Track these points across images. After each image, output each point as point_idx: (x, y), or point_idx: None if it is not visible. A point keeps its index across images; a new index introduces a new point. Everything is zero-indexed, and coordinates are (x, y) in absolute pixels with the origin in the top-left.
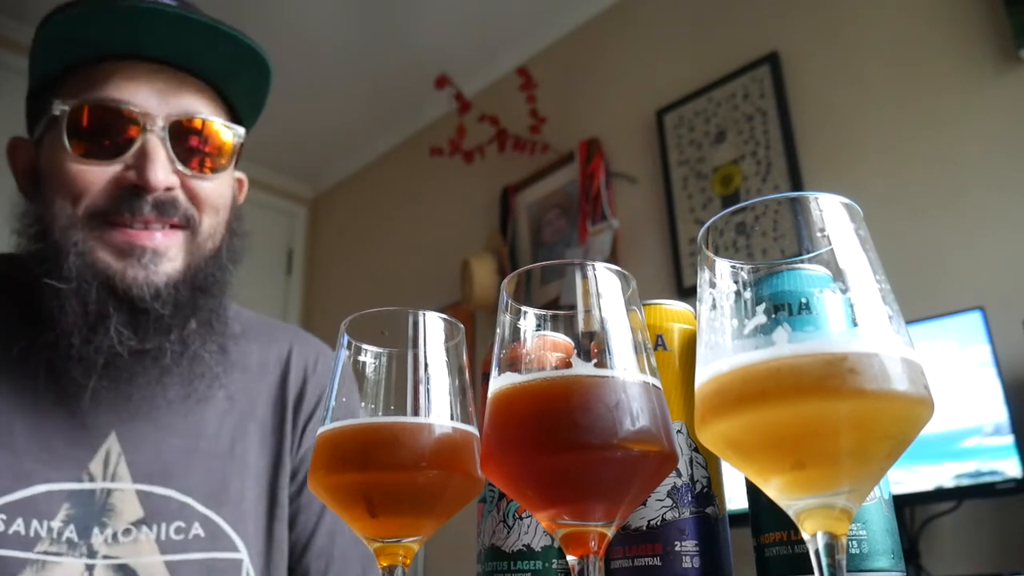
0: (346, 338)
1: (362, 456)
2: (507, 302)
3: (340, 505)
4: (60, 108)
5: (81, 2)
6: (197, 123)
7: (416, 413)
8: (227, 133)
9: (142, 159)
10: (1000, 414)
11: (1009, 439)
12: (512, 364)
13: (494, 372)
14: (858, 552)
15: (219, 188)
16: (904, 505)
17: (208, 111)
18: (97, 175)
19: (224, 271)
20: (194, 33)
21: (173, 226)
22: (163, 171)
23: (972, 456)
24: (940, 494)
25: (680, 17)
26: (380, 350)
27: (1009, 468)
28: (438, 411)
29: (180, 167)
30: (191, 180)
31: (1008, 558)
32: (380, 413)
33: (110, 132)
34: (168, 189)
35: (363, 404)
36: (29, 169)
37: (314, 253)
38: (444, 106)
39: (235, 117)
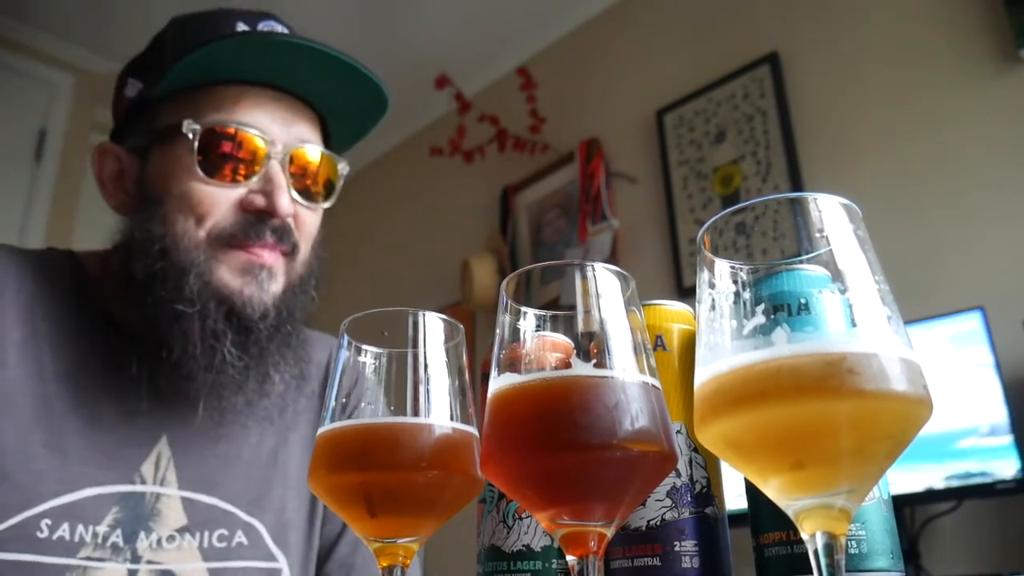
0: (346, 338)
1: (362, 456)
2: (507, 302)
3: (340, 505)
4: (192, 128)
5: (211, 30)
6: (312, 154)
7: (416, 413)
8: (335, 166)
9: (269, 185)
10: (1000, 414)
11: (1008, 439)
12: (512, 364)
13: (494, 372)
14: (857, 552)
15: (318, 219)
16: (904, 505)
17: (317, 140)
18: (224, 197)
19: (308, 297)
20: (312, 61)
21: (282, 252)
22: (287, 199)
23: (972, 456)
24: (940, 494)
25: (680, 17)
26: (380, 350)
27: (1009, 468)
28: (438, 411)
29: (295, 195)
30: (300, 209)
31: (1008, 558)
32: (380, 413)
33: (239, 156)
34: (288, 217)
35: (363, 404)
36: (122, 178)
37: None
38: (444, 106)
39: (329, 142)
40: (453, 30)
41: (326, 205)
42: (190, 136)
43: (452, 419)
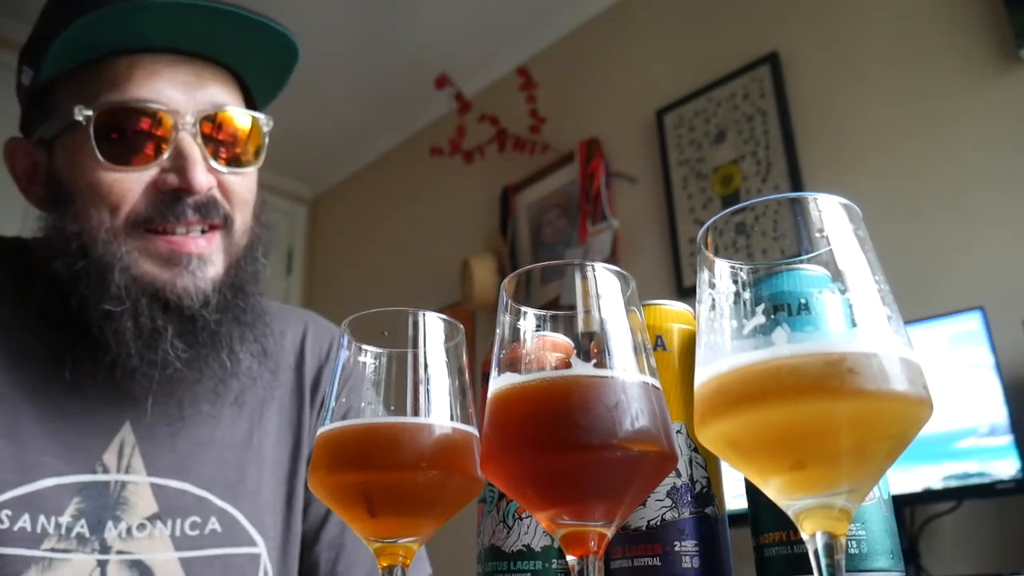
0: (346, 338)
1: (362, 456)
2: (507, 302)
3: (340, 505)
4: (83, 113)
5: (90, 2)
6: (227, 117)
7: (416, 413)
8: (257, 125)
9: (180, 161)
10: (1000, 414)
11: (1008, 439)
12: (512, 364)
13: (494, 372)
14: (857, 552)
15: (250, 182)
16: (904, 505)
17: (232, 100)
18: (134, 181)
19: (257, 265)
20: (211, 19)
21: (212, 227)
22: (203, 172)
23: (971, 456)
24: (940, 494)
25: (680, 17)
26: (380, 350)
27: (1008, 468)
28: (438, 411)
29: (214, 164)
30: (225, 177)
31: (1008, 558)
32: (380, 413)
33: (142, 135)
34: (208, 189)
35: (363, 404)
36: (35, 173)
37: (314, 253)
38: (444, 106)
39: (252, 101)
40: (453, 30)
41: (253, 168)
42: (84, 122)
43: (452, 419)
